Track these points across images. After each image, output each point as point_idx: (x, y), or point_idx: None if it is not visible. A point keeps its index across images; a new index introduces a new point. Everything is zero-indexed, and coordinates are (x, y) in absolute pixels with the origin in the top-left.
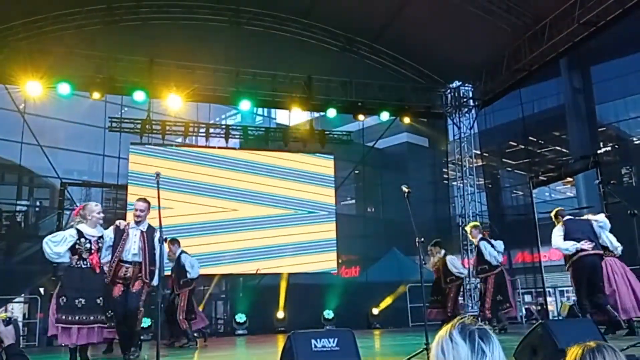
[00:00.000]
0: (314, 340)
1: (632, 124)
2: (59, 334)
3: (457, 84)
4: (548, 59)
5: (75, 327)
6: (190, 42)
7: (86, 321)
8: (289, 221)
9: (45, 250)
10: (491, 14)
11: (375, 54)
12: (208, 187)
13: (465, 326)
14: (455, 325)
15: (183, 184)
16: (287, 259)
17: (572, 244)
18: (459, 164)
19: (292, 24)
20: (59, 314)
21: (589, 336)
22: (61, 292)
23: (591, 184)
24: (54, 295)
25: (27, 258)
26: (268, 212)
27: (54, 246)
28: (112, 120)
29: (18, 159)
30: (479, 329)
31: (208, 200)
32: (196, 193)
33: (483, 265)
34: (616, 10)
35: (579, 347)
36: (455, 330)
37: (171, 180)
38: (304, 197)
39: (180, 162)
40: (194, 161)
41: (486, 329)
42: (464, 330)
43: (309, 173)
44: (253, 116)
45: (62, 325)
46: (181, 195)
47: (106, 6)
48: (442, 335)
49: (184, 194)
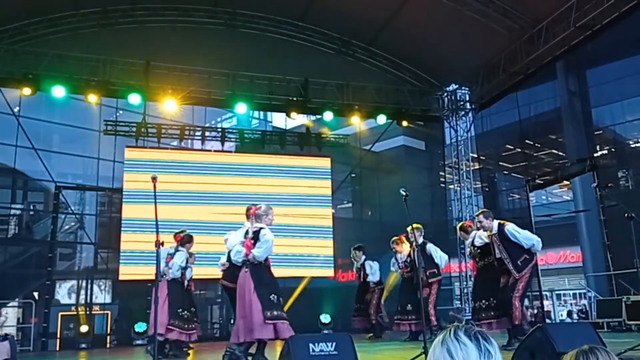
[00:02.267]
0: (311, 345)
1: (629, 127)
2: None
3: (453, 87)
4: (544, 62)
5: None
6: (186, 45)
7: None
8: (285, 230)
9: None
10: (488, 17)
11: (371, 56)
12: (203, 194)
13: (468, 328)
14: (458, 327)
15: (178, 189)
16: (283, 259)
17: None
18: (456, 167)
19: (288, 27)
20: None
21: (587, 340)
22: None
23: (588, 188)
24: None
25: (21, 262)
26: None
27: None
28: (107, 123)
29: (12, 163)
30: (479, 330)
31: (203, 206)
32: (191, 196)
33: (432, 269)
34: (612, 14)
35: (572, 353)
36: (460, 331)
37: (167, 183)
38: (300, 203)
39: (176, 166)
40: (189, 165)
41: (483, 330)
42: (467, 331)
43: (306, 176)
44: (249, 119)
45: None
46: (176, 198)
47: (101, 9)
48: (445, 338)
49: (179, 197)
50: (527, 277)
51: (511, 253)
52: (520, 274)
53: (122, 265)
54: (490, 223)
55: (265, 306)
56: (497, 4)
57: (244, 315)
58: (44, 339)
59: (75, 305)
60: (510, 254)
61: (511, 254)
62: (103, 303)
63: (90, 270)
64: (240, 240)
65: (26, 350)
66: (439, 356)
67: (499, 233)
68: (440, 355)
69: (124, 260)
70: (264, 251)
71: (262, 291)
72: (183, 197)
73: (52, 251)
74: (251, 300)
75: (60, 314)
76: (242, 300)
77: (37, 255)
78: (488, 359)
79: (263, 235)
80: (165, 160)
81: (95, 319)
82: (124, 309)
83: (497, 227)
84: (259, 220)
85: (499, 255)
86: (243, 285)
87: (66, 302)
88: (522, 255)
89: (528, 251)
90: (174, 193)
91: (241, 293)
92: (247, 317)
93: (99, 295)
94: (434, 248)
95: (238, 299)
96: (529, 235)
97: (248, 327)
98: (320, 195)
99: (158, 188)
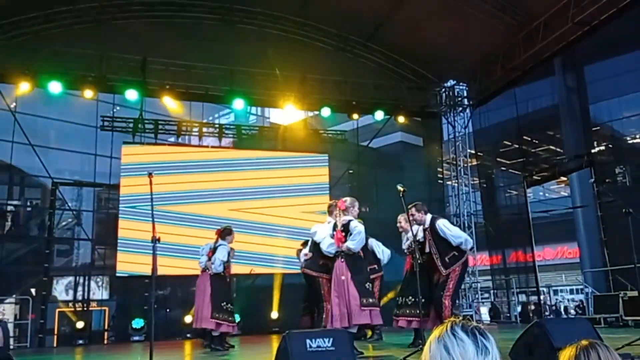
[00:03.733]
0: (308, 340)
1: (626, 124)
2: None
3: (451, 83)
4: (542, 59)
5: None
6: (183, 41)
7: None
8: (282, 230)
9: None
10: (486, 13)
11: (369, 52)
12: (200, 192)
13: (464, 323)
14: (455, 322)
15: (175, 185)
16: (280, 258)
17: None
18: (454, 163)
19: (286, 23)
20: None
21: (584, 335)
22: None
23: (585, 183)
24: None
25: (18, 259)
26: (261, 218)
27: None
28: (104, 119)
29: (9, 158)
30: (476, 326)
31: (199, 204)
32: (188, 194)
33: (373, 265)
34: (610, 10)
35: (571, 348)
36: (457, 327)
37: (164, 180)
38: (297, 201)
39: (173, 162)
40: (187, 161)
41: (480, 325)
42: (464, 327)
43: (303, 173)
44: (247, 115)
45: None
46: (173, 197)
47: (98, 4)
48: (442, 333)
49: (176, 195)
50: (457, 275)
51: (440, 249)
52: (447, 270)
53: (119, 252)
54: (422, 216)
55: (362, 294)
56: (496, 0)
57: (341, 302)
58: (41, 335)
59: (73, 302)
60: (439, 249)
61: (440, 249)
62: (100, 299)
63: (88, 266)
64: (328, 232)
65: (23, 347)
66: (435, 352)
67: (430, 227)
68: (437, 351)
69: (122, 248)
70: (358, 243)
71: (358, 280)
72: (181, 197)
73: (50, 247)
74: (348, 289)
75: (58, 310)
76: (339, 288)
77: (34, 251)
78: (485, 355)
79: (355, 227)
80: (162, 162)
81: (92, 315)
82: (121, 306)
83: (430, 221)
84: (347, 213)
85: (428, 250)
86: (340, 274)
87: (63, 298)
88: (451, 252)
89: (457, 248)
90: (171, 193)
91: (337, 282)
92: (345, 304)
93: (97, 291)
94: (376, 243)
95: (334, 287)
96: (458, 232)
97: (345, 313)
98: (318, 184)
99: (155, 188)
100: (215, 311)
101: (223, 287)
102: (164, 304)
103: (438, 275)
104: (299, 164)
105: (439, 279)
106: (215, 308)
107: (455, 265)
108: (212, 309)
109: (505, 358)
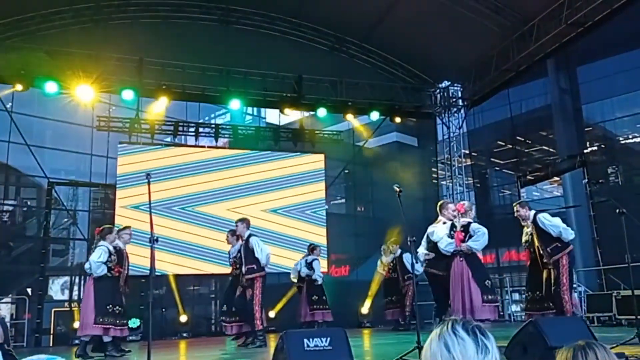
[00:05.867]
0: (306, 340)
1: (619, 124)
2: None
3: (446, 83)
4: (535, 60)
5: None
6: (180, 41)
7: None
8: (279, 238)
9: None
10: (480, 14)
11: (364, 53)
12: (198, 195)
13: (465, 322)
14: (456, 321)
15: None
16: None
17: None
18: (448, 163)
19: (282, 23)
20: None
21: (579, 334)
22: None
23: (578, 183)
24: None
25: (14, 258)
26: (260, 215)
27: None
28: (100, 119)
29: (5, 158)
30: (477, 325)
31: (199, 206)
32: (187, 198)
33: (252, 265)
34: (603, 11)
35: (568, 349)
36: (458, 325)
37: (161, 187)
38: (293, 201)
39: (169, 166)
40: (183, 164)
41: (480, 324)
42: (465, 326)
43: (299, 174)
44: (243, 115)
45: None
46: (170, 196)
47: (94, 4)
48: (443, 331)
49: (174, 201)
50: (566, 268)
51: (543, 240)
52: (552, 259)
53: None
54: (527, 212)
55: (483, 290)
56: (489, 1)
57: (464, 298)
58: (38, 334)
59: (69, 301)
60: (542, 241)
61: (543, 241)
62: None
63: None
64: (445, 232)
65: (19, 346)
66: (435, 350)
67: (533, 222)
68: (437, 350)
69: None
70: (482, 243)
71: (479, 277)
72: (180, 202)
73: (45, 247)
74: (470, 286)
75: (54, 310)
76: (459, 285)
77: (30, 251)
78: (485, 354)
79: (478, 229)
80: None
81: None
82: None
83: (533, 215)
84: (465, 216)
85: (537, 244)
86: (460, 273)
87: (59, 298)
88: (553, 243)
89: (559, 239)
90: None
91: (457, 279)
92: (469, 300)
93: None
94: (256, 241)
95: (453, 285)
96: (557, 222)
97: (468, 309)
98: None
99: (153, 196)
100: (100, 316)
101: (108, 290)
102: (159, 304)
103: (548, 272)
104: (295, 164)
105: (549, 274)
106: (99, 312)
107: (559, 255)
108: (96, 313)
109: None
